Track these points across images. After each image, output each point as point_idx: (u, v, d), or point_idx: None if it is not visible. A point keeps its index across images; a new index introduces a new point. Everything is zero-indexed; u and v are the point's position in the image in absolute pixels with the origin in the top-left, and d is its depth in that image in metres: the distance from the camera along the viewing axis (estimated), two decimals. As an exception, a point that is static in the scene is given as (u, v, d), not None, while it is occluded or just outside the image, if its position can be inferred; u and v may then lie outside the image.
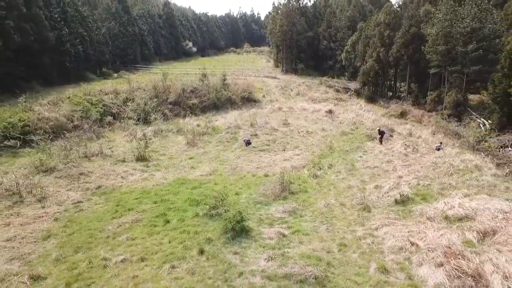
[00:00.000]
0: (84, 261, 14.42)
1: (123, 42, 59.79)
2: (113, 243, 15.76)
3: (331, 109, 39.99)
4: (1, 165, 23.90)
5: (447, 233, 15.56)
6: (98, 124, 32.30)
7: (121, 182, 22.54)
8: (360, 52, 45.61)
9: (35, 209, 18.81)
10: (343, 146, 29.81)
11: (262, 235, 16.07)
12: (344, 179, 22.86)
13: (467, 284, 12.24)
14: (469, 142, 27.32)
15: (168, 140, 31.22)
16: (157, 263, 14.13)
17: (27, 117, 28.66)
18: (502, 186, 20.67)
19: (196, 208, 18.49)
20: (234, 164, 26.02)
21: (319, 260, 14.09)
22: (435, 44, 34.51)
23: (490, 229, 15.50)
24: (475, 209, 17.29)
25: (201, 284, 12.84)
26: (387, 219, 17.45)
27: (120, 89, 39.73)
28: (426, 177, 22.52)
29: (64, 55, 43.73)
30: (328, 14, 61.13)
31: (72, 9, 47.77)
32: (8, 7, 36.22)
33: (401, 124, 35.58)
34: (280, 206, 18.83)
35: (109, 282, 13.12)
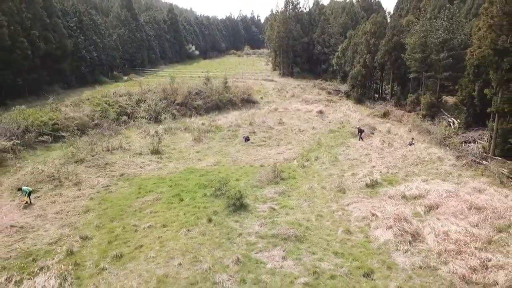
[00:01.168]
0: (119, 227, 18.61)
1: (132, 47, 63.95)
2: (140, 215, 19.91)
3: (322, 109, 44.12)
4: (38, 157, 28.07)
5: (401, 207, 19.72)
6: (115, 122, 36.43)
7: (140, 170, 26.72)
8: (349, 58, 49.69)
9: (73, 191, 22.97)
10: (329, 142, 33.94)
11: (256, 209, 20.21)
12: (327, 169, 27.00)
13: (406, 239, 16.39)
14: (437, 138, 31.40)
15: (177, 137, 35.32)
16: (176, 228, 18.29)
17: (55, 117, 32.80)
18: (456, 173, 24.81)
19: (204, 190, 22.63)
20: (235, 157, 30.15)
21: (300, 225, 18.26)
22: (413, 52, 38.57)
23: (435, 204, 19.68)
24: (428, 190, 21.44)
25: (210, 241, 17.00)
26: (357, 198, 21.61)
27: (132, 91, 43.86)
28: (395, 166, 26.69)
29: (80, 60, 47.84)
30: (322, 21, 65.22)
31: (87, 17, 51.87)
32: (33, 18, 40.31)
33: (383, 123, 39.70)
34: (272, 188, 22.99)
35: (141, 241, 17.26)
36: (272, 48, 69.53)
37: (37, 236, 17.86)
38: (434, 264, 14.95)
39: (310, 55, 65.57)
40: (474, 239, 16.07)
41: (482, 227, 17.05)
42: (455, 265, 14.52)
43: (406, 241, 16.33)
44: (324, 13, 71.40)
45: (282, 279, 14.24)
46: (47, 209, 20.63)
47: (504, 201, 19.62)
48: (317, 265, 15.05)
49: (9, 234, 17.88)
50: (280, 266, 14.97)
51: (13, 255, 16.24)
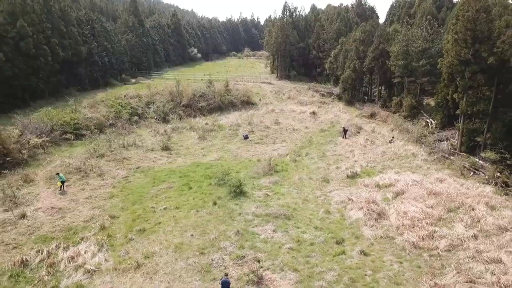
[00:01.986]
0: (140, 209, 22.41)
1: (138, 51, 67.56)
2: (156, 199, 23.71)
3: (315, 111, 47.83)
4: (64, 152, 31.82)
5: (374, 193, 23.52)
6: (128, 122, 40.14)
7: (153, 164, 30.50)
8: (341, 63, 53.31)
9: (98, 181, 26.77)
10: (319, 140, 37.71)
11: (253, 195, 24.01)
12: (315, 163, 30.79)
13: (373, 217, 20.20)
14: (414, 136, 35.15)
15: (183, 135, 39.06)
16: (187, 209, 22.08)
17: (76, 117, 36.53)
18: (425, 167, 28.61)
19: (209, 180, 26.41)
20: (235, 152, 33.92)
21: (288, 207, 22.07)
22: (397, 59, 42.21)
23: (401, 191, 23.48)
24: (398, 180, 25.23)
25: (215, 219, 20.79)
26: (338, 186, 25.42)
27: (142, 93, 47.58)
28: (374, 161, 30.48)
29: (93, 65, 51.51)
30: (317, 27, 68.82)
31: (98, 25, 55.51)
32: (52, 28, 43.95)
33: (369, 123, 43.41)
34: (267, 179, 26.78)
35: (159, 219, 21.06)
36: (270, 52, 73.17)
37: (74, 215, 21.69)
38: (392, 235, 18.78)
39: (306, 59, 69.26)
40: (427, 217, 19.89)
41: (435, 208, 20.85)
42: (408, 236, 18.35)
43: (372, 218, 20.15)
44: (320, 19, 75.06)
45: (272, 245, 18.06)
46: (78, 195, 24.45)
47: (458, 188, 23.43)
48: (300, 236, 18.88)
49: (51, 214, 21.71)
50: (271, 237, 18.81)
51: (57, 229, 20.07)
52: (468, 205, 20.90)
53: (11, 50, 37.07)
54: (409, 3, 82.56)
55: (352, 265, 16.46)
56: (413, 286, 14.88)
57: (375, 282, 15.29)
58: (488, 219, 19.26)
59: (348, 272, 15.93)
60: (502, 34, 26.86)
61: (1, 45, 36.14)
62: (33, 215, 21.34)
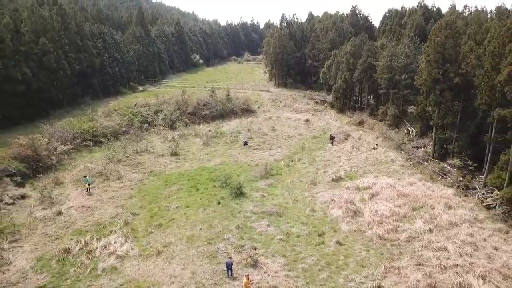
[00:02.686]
0: (156, 207, 26.41)
1: (145, 60, 71.42)
2: (169, 199, 27.71)
3: (308, 118, 51.82)
4: (85, 158, 35.83)
5: (353, 195, 27.53)
6: (139, 129, 44.13)
7: (164, 168, 34.51)
8: (333, 74, 57.23)
9: (117, 183, 30.77)
10: (311, 146, 41.70)
11: (252, 196, 28.01)
12: (306, 167, 34.79)
13: (350, 214, 24.20)
14: (395, 144, 39.12)
15: (189, 142, 43.04)
16: (195, 208, 26.08)
17: (93, 125, 40.55)
18: (401, 171, 32.61)
19: (213, 183, 30.38)
20: (236, 158, 37.91)
21: (281, 206, 26.09)
22: (382, 73, 46.13)
23: (376, 193, 27.46)
24: (375, 183, 29.21)
25: (219, 216, 24.78)
26: (324, 188, 29.43)
27: (150, 102, 51.56)
28: (358, 166, 34.49)
29: (105, 75, 55.42)
30: (313, 37, 72.70)
31: (109, 37, 59.38)
32: (70, 43, 47.88)
33: (357, 130, 47.37)
34: (263, 181, 30.78)
35: (172, 216, 25.05)
36: (269, 61, 77.08)
37: (101, 213, 25.71)
38: (364, 229, 22.80)
39: (302, 68, 73.17)
40: (394, 215, 23.89)
41: (402, 207, 24.86)
42: (376, 230, 22.36)
43: (349, 216, 24.17)
44: (315, 30, 79.03)
45: (266, 237, 22.08)
46: (102, 195, 28.48)
47: (424, 190, 27.44)
48: (289, 229, 22.91)
49: (82, 211, 25.73)
50: (266, 230, 22.83)
51: (89, 224, 24.09)
52: (429, 205, 24.93)
53: (36, 65, 41.06)
54: (400, 14, 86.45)
55: (329, 252, 20.48)
56: (374, 267, 18.89)
57: (345, 265, 19.31)
58: (444, 216, 23.28)
59: (325, 257, 19.96)
60: (466, 57, 30.86)
61: (27, 61, 40.10)
62: (68, 213, 25.38)
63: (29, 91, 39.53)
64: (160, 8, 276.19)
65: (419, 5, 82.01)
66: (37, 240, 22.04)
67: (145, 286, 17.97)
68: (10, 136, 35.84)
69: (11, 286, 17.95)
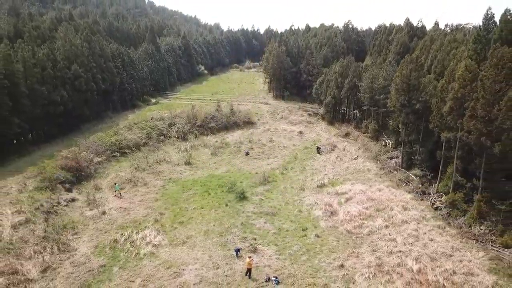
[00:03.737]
0: (177, 209, 33.24)
1: (157, 75, 78.10)
2: (187, 202, 34.51)
3: (302, 130, 58.60)
4: (114, 167, 42.66)
5: (333, 199, 34.35)
6: (156, 141, 50.91)
7: (180, 176, 41.33)
8: (324, 90, 63.95)
9: (144, 188, 37.61)
10: (302, 156, 48.47)
11: (252, 199, 34.83)
12: (297, 175, 41.60)
13: (328, 215, 31.04)
14: (373, 154, 45.89)
15: (199, 152, 49.82)
16: (208, 209, 32.92)
17: (119, 139, 47.38)
18: (374, 179, 39.38)
19: (221, 188, 37.17)
20: (239, 166, 44.69)
21: (275, 207, 32.93)
22: (364, 92, 52.81)
23: (350, 197, 34.24)
24: (350, 189, 35.99)
25: (227, 215, 31.59)
26: (310, 193, 36.25)
27: (164, 116, 58.37)
28: (339, 174, 41.31)
29: (124, 91, 62.15)
30: (307, 54, 79.44)
31: (127, 57, 66.07)
32: (96, 65, 54.65)
33: (343, 141, 54.11)
34: (262, 187, 37.59)
35: (191, 215, 31.87)
36: (268, 74, 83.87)
37: (135, 212, 32.55)
38: (337, 225, 29.62)
39: (298, 81, 79.91)
40: (361, 214, 30.69)
41: (369, 209, 31.64)
42: (346, 226, 29.17)
43: (327, 215, 31.00)
44: (310, 46, 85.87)
45: (263, 231, 28.92)
46: (133, 199, 35.32)
47: (389, 195, 34.24)
48: (281, 225, 29.74)
49: (120, 212, 32.57)
50: (263, 226, 29.66)
51: (128, 221, 30.91)
52: (390, 207, 31.72)
53: (70, 88, 47.83)
54: (388, 30, 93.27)
55: (309, 242, 27.30)
56: (341, 252, 25.70)
57: (320, 251, 26.12)
58: (399, 216, 30.10)
59: (306, 246, 26.78)
60: (426, 88, 37.65)
61: (63, 85, 46.92)
62: (109, 212, 32.23)
63: (66, 111, 46.31)
64: (164, 13, 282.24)
65: (405, 23, 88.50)
66: (91, 233, 28.92)
67: (176, 265, 24.79)
68: (52, 149, 42.86)
69: (81, 265, 24.80)
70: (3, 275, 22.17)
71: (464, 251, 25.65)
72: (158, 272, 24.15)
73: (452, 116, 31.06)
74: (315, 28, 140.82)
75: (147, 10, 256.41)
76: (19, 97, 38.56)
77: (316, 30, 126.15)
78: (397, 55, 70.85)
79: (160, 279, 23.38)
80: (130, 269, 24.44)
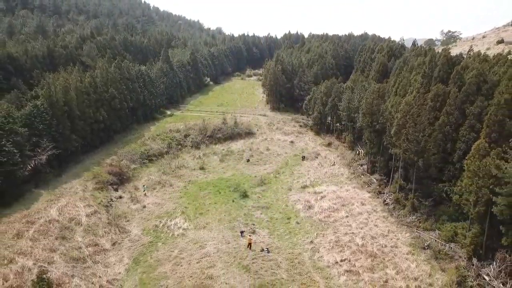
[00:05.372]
0: (197, 204, 44.17)
1: (171, 90, 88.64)
2: (204, 199, 45.40)
3: (293, 140, 69.35)
4: (145, 171, 53.47)
5: (311, 197, 45.25)
6: (175, 150, 61.72)
7: (197, 178, 52.19)
8: (312, 106, 74.61)
9: (170, 189, 48.53)
10: (292, 162, 59.30)
11: (252, 197, 45.75)
12: (287, 178, 52.45)
13: (306, 208, 41.99)
14: (347, 161, 56.70)
15: (210, 158, 60.62)
16: (220, 204, 43.83)
17: (146, 148, 58.23)
18: (344, 182, 50.21)
19: (229, 188, 48.04)
20: (242, 171, 55.53)
21: (268, 203, 43.86)
22: (343, 111, 63.49)
23: (324, 196, 45.16)
24: (325, 189, 46.86)
25: (234, 208, 42.50)
26: (295, 193, 47.12)
27: (180, 128, 69.16)
28: (319, 178, 52.15)
29: (145, 106, 72.85)
30: (300, 72, 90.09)
31: (147, 77, 76.70)
32: (126, 87, 65.40)
33: (326, 150, 64.86)
34: (259, 188, 48.49)
35: (208, 208, 42.76)
36: (266, 88, 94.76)
37: (166, 207, 43.47)
38: (312, 216, 40.53)
39: (292, 95, 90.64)
40: (330, 208, 41.60)
41: (336, 204, 42.47)
42: (319, 216, 40.13)
43: (306, 209, 41.92)
44: (302, 65, 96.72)
45: (260, 220, 39.87)
46: (163, 197, 46.22)
47: (353, 194, 45.13)
48: (272, 216, 40.71)
49: (155, 206, 43.48)
50: (259, 216, 40.62)
51: (162, 212, 41.85)
52: (351, 203, 42.66)
53: (107, 108, 58.62)
54: (371, 49, 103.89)
55: (292, 227, 38.22)
56: (312, 234, 36.59)
57: (299, 233, 36.99)
58: (357, 209, 41.00)
59: (289, 229, 37.71)
60: (383, 113, 48.49)
61: (103, 106, 57.73)
62: (148, 206, 43.15)
63: (103, 127, 57.16)
64: (169, 19, 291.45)
65: (386, 43, 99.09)
66: (138, 221, 39.89)
67: (200, 242, 35.68)
68: (96, 157, 53.69)
69: (136, 241, 35.74)
70: (90, 246, 33.16)
71: (397, 233, 36.59)
72: (188, 246, 35.10)
73: (396, 137, 41.95)
74: (310, 38, 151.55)
75: (153, 17, 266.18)
76: (74, 118, 49.30)
77: (310, 46, 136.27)
78: (377, 73, 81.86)
79: (190, 250, 34.33)
80: (169, 244, 35.43)
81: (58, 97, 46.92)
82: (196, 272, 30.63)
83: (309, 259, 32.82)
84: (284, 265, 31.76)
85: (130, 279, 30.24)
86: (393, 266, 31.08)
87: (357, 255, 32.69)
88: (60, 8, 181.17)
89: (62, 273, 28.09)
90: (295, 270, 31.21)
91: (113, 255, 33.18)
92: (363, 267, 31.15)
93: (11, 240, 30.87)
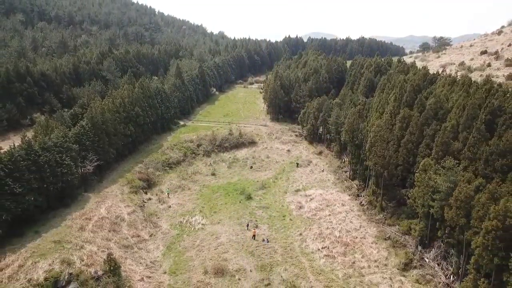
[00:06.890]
0: (212, 204, 54.01)
1: (182, 103, 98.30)
2: (216, 200, 55.24)
3: (289, 148, 79.04)
4: (166, 177, 63.27)
5: (303, 199, 55.07)
6: (190, 157, 71.50)
7: (209, 183, 62.02)
8: (306, 119, 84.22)
9: (189, 192, 58.38)
10: (288, 169, 68.99)
11: (255, 198, 55.52)
12: (283, 183, 62.22)
13: (298, 207, 51.84)
14: (334, 169, 66.37)
15: (219, 165, 70.37)
16: (229, 204, 53.64)
17: (166, 157, 68.02)
18: (330, 186, 59.96)
19: (236, 191, 57.80)
20: (246, 176, 65.32)
21: (268, 204, 53.66)
22: (331, 125, 73.07)
23: (313, 198, 55.00)
24: (314, 193, 56.63)
25: (240, 208, 52.33)
26: (290, 195, 56.90)
27: (193, 138, 78.90)
28: (310, 183, 61.89)
29: (163, 119, 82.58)
30: (296, 87, 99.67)
31: (163, 93, 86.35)
32: (148, 104, 75.19)
33: (317, 158, 74.48)
34: (261, 191, 58.28)
35: (220, 208, 52.63)
36: (266, 100, 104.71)
37: (187, 206, 53.36)
38: (302, 214, 50.27)
39: (289, 108, 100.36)
40: (317, 208, 51.42)
41: (322, 205, 52.30)
42: (307, 214, 49.97)
43: (297, 208, 51.69)
44: (299, 80, 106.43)
45: (261, 217, 49.70)
46: (184, 198, 56.09)
47: (336, 197, 54.90)
48: (271, 214, 50.54)
49: (178, 206, 53.37)
50: (261, 214, 50.43)
51: (184, 211, 51.74)
52: (334, 204, 52.44)
53: (133, 124, 68.38)
54: (361, 65, 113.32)
55: (286, 223, 48.01)
56: (302, 228, 46.41)
57: (291, 227, 46.80)
58: (338, 209, 50.76)
59: (284, 225, 47.54)
60: (362, 130, 58.20)
61: (130, 121, 67.50)
62: (172, 206, 53.03)
63: (130, 141, 67.03)
64: (174, 24, 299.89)
65: (374, 60, 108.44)
66: (166, 218, 49.78)
67: (216, 234, 45.46)
68: (126, 165, 63.49)
69: (166, 234, 45.65)
70: (134, 237, 43.09)
71: (367, 228, 46.36)
72: (206, 237, 44.98)
73: (369, 152, 51.70)
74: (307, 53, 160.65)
75: (159, 23, 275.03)
76: (110, 134, 59.14)
77: (307, 58, 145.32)
78: (364, 88, 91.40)
79: (208, 240, 44.18)
80: (192, 236, 45.34)
81: (98, 118, 56.75)
82: (214, 256, 40.48)
83: (298, 247, 42.65)
84: (279, 251, 41.61)
85: (166, 261, 40.15)
86: (360, 252, 40.92)
87: (335, 244, 42.52)
88: (74, 19, 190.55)
89: (118, 255, 37.94)
90: (288, 254, 41.03)
91: (151, 243, 43.10)
92: (338, 252, 40.98)
93: (77, 232, 40.71)
